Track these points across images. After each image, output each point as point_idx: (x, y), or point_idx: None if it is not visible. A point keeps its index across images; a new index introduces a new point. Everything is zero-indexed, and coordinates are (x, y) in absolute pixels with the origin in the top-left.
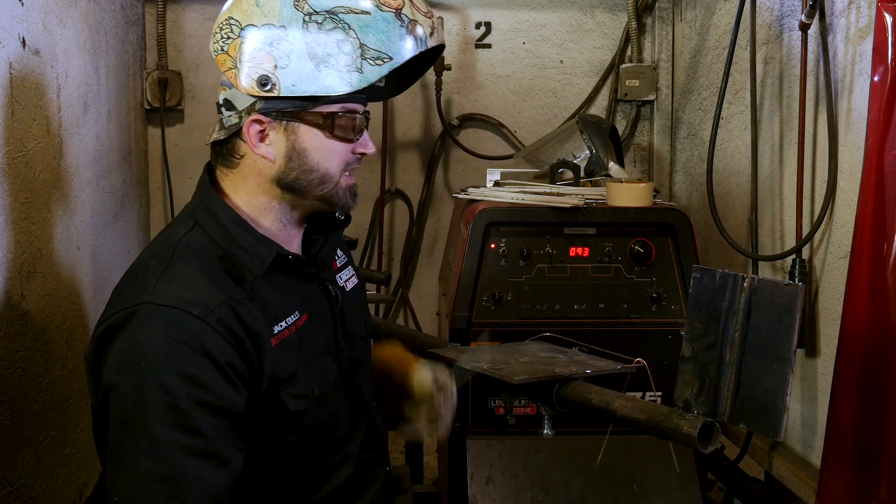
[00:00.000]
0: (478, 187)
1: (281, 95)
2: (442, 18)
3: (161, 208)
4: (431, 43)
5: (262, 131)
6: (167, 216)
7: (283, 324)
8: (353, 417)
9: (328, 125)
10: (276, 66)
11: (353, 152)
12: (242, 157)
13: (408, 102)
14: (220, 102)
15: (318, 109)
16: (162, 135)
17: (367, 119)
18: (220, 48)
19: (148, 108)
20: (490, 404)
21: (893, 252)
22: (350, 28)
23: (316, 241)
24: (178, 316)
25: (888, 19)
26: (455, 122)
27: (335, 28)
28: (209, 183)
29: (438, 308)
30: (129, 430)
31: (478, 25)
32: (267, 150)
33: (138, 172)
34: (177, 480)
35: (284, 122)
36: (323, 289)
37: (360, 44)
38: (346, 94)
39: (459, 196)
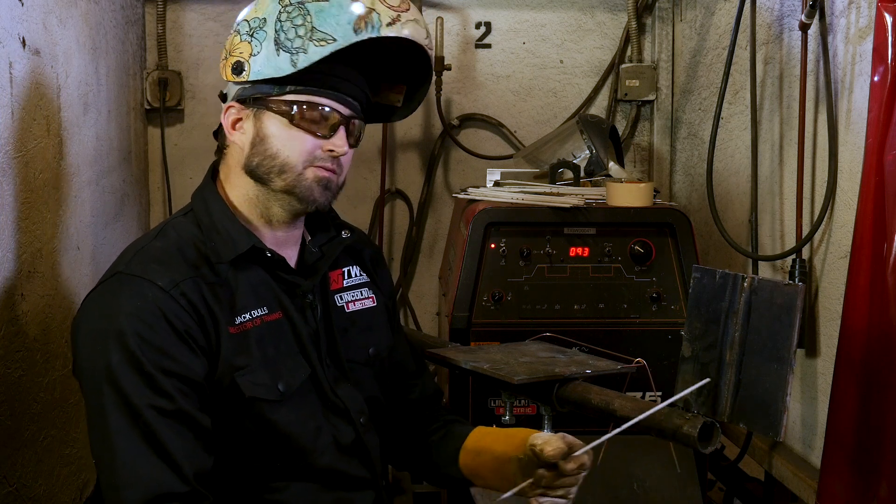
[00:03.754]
0: (478, 187)
1: (249, 80)
2: (442, 18)
3: (161, 208)
4: (388, 32)
5: (238, 119)
6: (167, 216)
7: (248, 315)
8: (332, 432)
9: (290, 113)
10: (251, 54)
11: (323, 149)
12: (227, 147)
13: None
14: (220, 96)
15: (282, 97)
16: (162, 135)
17: (347, 121)
18: (223, 46)
19: (148, 108)
20: (490, 404)
21: (893, 252)
22: (308, 14)
23: (313, 253)
24: (144, 285)
25: (888, 19)
26: (455, 122)
27: (298, 15)
28: (211, 173)
29: (438, 308)
30: (103, 393)
31: (478, 25)
32: (239, 136)
33: (138, 172)
34: (154, 438)
35: (254, 109)
36: (300, 294)
37: (312, 27)
38: (316, 85)
39: (459, 196)
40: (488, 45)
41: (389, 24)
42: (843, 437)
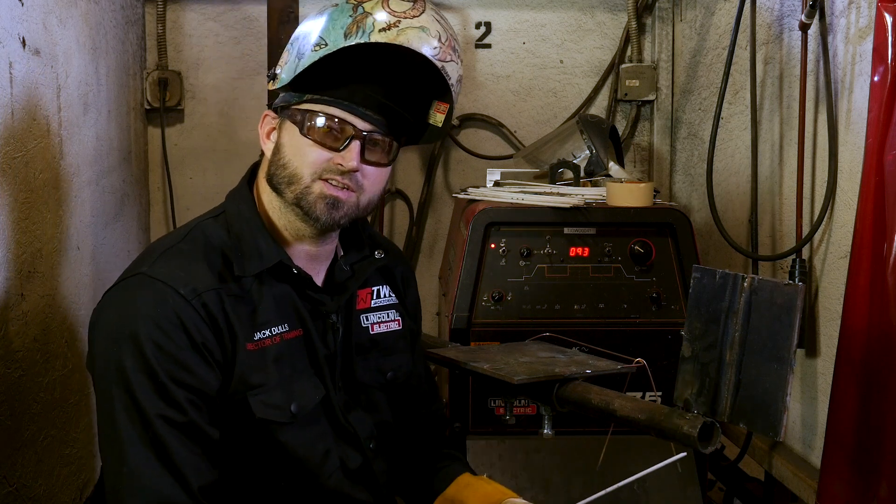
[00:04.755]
0: (478, 187)
1: (276, 88)
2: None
3: (161, 208)
4: (378, 38)
5: (273, 129)
6: (167, 216)
7: (267, 332)
8: (340, 455)
9: (301, 122)
10: (285, 62)
11: (332, 162)
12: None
13: None
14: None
15: (299, 106)
16: (162, 135)
17: (364, 136)
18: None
19: (148, 108)
20: (490, 404)
21: (893, 252)
22: (321, 21)
23: (344, 271)
24: (166, 291)
25: (888, 19)
26: (455, 122)
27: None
28: (248, 177)
29: (438, 308)
30: (114, 396)
31: (478, 25)
32: (268, 145)
33: (138, 172)
34: (162, 448)
35: (280, 119)
36: (323, 314)
37: (316, 34)
38: (333, 96)
39: (459, 196)
40: (488, 45)
41: (383, 30)
42: (843, 437)
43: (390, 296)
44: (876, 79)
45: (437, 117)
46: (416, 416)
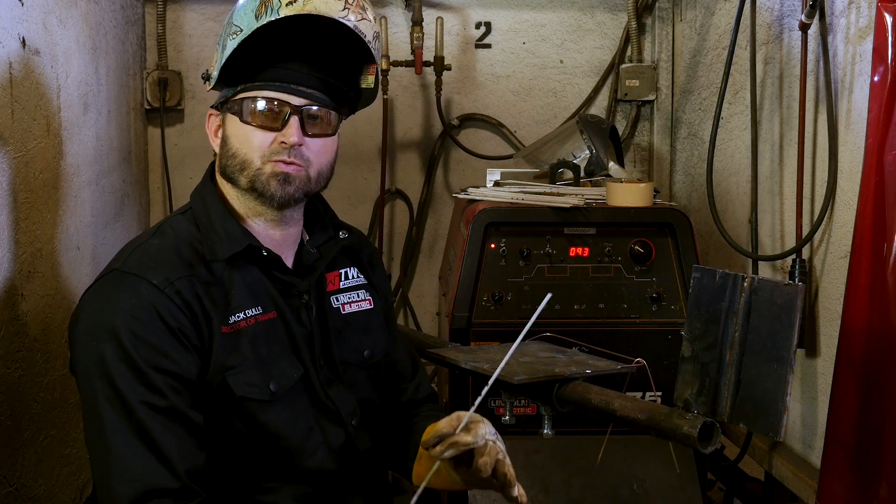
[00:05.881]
0: (478, 187)
1: (212, 87)
2: (442, 18)
3: (161, 208)
4: (287, 12)
5: (219, 125)
6: (167, 216)
7: (241, 315)
8: (322, 432)
9: (240, 111)
10: (215, 60)
11: (276, 142)
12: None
13: (408, 102)
14: None
15: (235, 97)
16: (162, 135)
17: (300, 111)
18: None
19: (148, 108)
20: (490, 404)
21: (893, 252)
22: (235, 12)
23: (311, 254)
24: (139, 283)
25: (888, 19)
26: (455, 122)
27: (230, 15)
28: (210, 173)
29: (438, 308)
30: (96, 389)
31: (478, 25)
32: (216, 141)
33: (138, 172)
34: (147, 434)
35: (222, 114)
36: (295, 295)
37: (231, 23)
38: (263, 79)
39: (459, 196)
40: (488, 45)
41: (289, 4)
42: (843, 437)
43: (358, 276)
44: (876, 79)
45: (369, 79)
46: (399, 393)
